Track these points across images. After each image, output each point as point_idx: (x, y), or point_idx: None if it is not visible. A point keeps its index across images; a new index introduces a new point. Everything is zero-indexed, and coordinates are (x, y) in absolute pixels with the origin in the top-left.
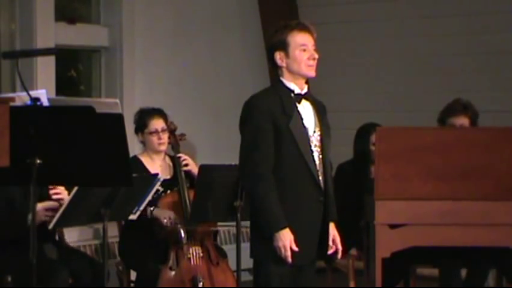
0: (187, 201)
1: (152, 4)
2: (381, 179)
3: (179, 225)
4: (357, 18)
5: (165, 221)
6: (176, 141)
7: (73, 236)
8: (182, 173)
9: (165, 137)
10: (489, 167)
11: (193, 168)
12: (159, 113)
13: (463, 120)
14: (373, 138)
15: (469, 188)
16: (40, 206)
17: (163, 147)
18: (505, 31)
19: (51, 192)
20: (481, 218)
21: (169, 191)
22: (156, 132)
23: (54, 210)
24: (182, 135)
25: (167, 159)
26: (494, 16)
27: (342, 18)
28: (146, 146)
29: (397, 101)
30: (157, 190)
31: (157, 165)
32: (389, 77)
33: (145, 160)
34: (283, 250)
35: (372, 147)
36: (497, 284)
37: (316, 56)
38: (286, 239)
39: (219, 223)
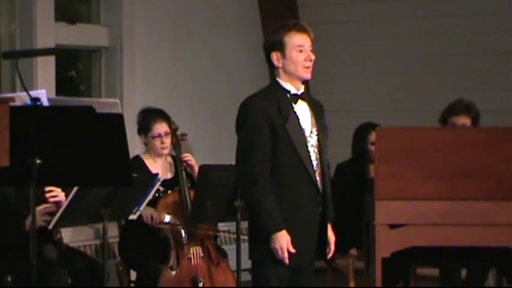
0: (188, 201)
1: (152, 4)
2: (381, 179)
3: (179, 225)
4: (357, 18)
5: (145, 219)
6: (177, 142)
7: (72, 236)
8: (184, 173)
9: (168, 141)
10: (489, 167)
11: (196, 168)
12: (163, 116)
13: (464, 120)
14: (371, 137)
15: (469, 188)
16: (38, 209)
17: (166, 151)
18: (505, 31)
19: (47, 195)
20: (481, 218)
21: (170, 191)
22: (159, 136)
23: (53, 213)
24: (184, 135)
25: (169, 158)
26: (494, 16)
27: (342, 18)
28: (148, 148)
29: (397, 101)
30: (158, 190)
31: (159, 165)
32: (389, 77)
33: (147, 160)
34: (280, 252)
35: (370, 147)
36: (497, 284)
37: (313, 57)
38: (283, 241)
39: (220, 224)
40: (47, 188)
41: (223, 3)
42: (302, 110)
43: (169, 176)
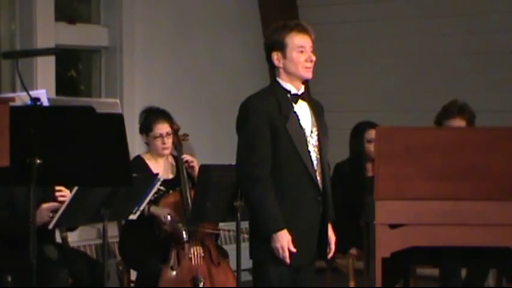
0: (189, 201)
1: (152, 4)
2: (381, 179)
3: (180, 225)
4: (357, 18)
5: (163, 219)
6: (179, 142)
7: (73, 236)
8: (185, 173)
9: (169, 141)
10: (489, 167)
11: (197, 169)
12: (165, 116)
13: (459, 123)
14: (367, 135)
15: (469, 188)
16: (45, 206)
17: (167, 152)
18: (505, 31)
19: (57, 194)
20: (481, 218)
21: (171, 191)
22: (161, 136)
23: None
24: (185, 135)
25: (171, 158)
26: (494, 16)
27: (342, 18)
28: (150, 148)
29: (397, 101)
30: (159, 190)
31: (160, 165)
32: (389, 77)
33: (149, 160)
34: (281, 251)
35: (367, 145)
36: (497, 284)
37: (314, 58)
38: (284, 240)
39: (221, 223)
40: (58, 188)
41: (223, 3)
42: (302, 110)
43: (171, 176)
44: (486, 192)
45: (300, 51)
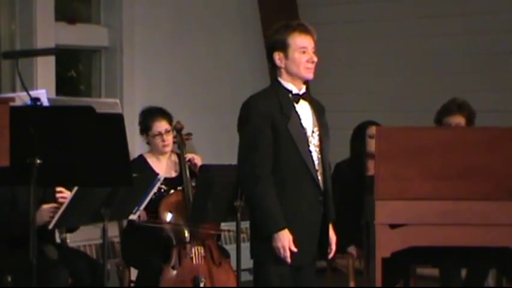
0: (191, 200)
1: (152, 4)
2: (381, 179)
3: (182, 225)
4: (357, 18)
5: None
6: (182, 141)
7: (73, 236)
8: (188, 173)
9: (169, 138)
10: (489, 167)
11: None
12: (162, 114)
13: (458, 120)
14: (368, 131)
15: (469, 188)
16: (45, 207)
17: (168, 149)
18: (505, 31)
19: (58, 195)
20: (481, 218)
21: (173, 191)
22: (160, 134)
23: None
24: (189, 134)
25: (174, 157)
26: (494, 16)
27: (342, 18)
28: (151, 147)
29: (397, 101)
30: (161, 188)
31: (163, 164)
32: (389, 77)
33: (150, 159)
34: (282, 251)
35: (368, 140)
36: (497, 284)
37: (315, 59)
38: (285, 240)
39: (222, 224)
40: (58, 189)
41: (223, 3)
42: (303, 110)
43: (174, 174)
44: (486, 192)
45: (302, 52)
